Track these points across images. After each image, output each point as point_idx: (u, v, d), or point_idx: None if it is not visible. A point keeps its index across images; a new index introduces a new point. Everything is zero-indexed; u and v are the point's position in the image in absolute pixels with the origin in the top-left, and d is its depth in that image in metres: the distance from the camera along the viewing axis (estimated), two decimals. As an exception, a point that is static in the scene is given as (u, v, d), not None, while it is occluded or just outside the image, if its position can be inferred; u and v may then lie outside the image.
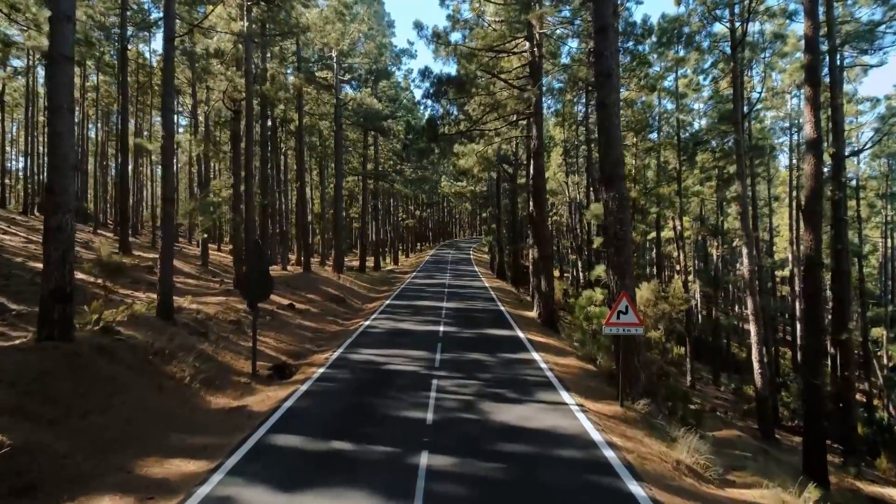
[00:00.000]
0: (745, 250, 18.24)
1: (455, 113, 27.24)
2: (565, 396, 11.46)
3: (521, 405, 10.77)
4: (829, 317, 20.83)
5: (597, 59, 11.91)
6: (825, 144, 30.17)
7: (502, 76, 22.70)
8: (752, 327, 18.45)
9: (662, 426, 11.00)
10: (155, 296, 20.49)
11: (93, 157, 52.59)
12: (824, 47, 17.63)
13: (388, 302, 26.92)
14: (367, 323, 20.64)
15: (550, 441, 8.88)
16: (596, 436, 9.16)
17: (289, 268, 35.63)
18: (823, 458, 11.53)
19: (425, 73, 21.84)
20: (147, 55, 40.52)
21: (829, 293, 21.23)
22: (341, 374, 13.12)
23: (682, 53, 22.62)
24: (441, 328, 19.54)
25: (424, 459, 7.96)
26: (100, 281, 20.96)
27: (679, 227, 27.14)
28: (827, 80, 18.33)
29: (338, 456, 8.19)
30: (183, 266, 29.97)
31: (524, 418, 9.91)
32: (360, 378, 12.74)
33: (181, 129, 50.08)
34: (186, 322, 15.51)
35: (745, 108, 21.66)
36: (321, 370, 13.52)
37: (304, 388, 12.00)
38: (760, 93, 22.09)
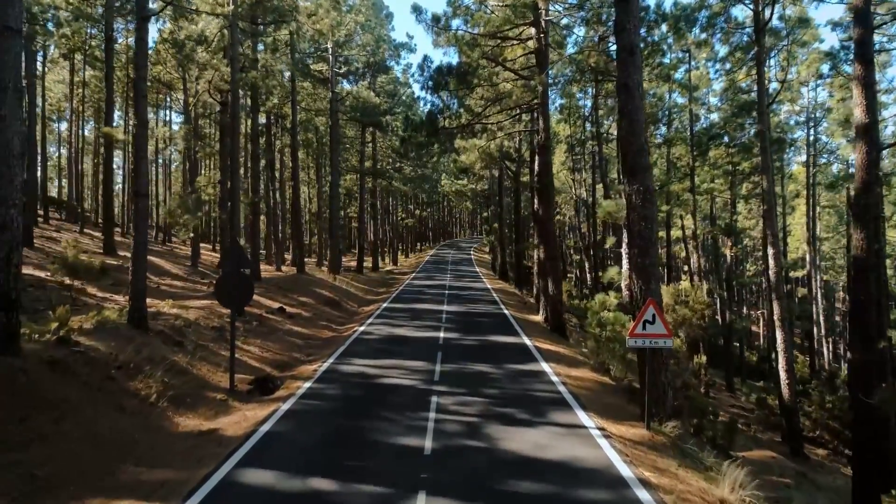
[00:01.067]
0: (770, 251, 16.86)
1: (456, 108, 25.83)
2: (583, 417, 10.06)
3: (534, 429, 9.37)
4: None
5: (617, 33, 10.51)
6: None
7: (507, 64, 21.31)
8: (778, 334, 17.07)
9: (695, 452, 9.59)
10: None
11: (89, 155, 51.24)
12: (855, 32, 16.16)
13: (385, 305, 25.52)
14: (362, 329, 19.24)
15: (571, 477, 7.47)
16: (624, 469, 7.76)
17: (283, 268, 34.23)
18: (877, 491, 10.17)
19: (424, 62, 20.47)
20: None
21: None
22: (330, 390, 11.72)
23: (701, 37, 21.21)
24: (441, 334, 18.15)
25: (422, 505, 6.58)
26: (76, 283, 19.58)
27: (693, 227, 25.75)
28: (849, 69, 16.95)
29: (317, 499, 6.80)
30: (171, 267, 28.59)
31: (539, 447, 8.51)
32: (350, 395, 11.34)
33: (175, 126, 48.69)
34: (162, 329, 14.11)
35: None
36: (308, 384, 12.12)
37: (286, 406, 10.59)
38: (783, 81, 20.72)
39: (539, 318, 23.98)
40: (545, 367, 13.97)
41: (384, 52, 37.14)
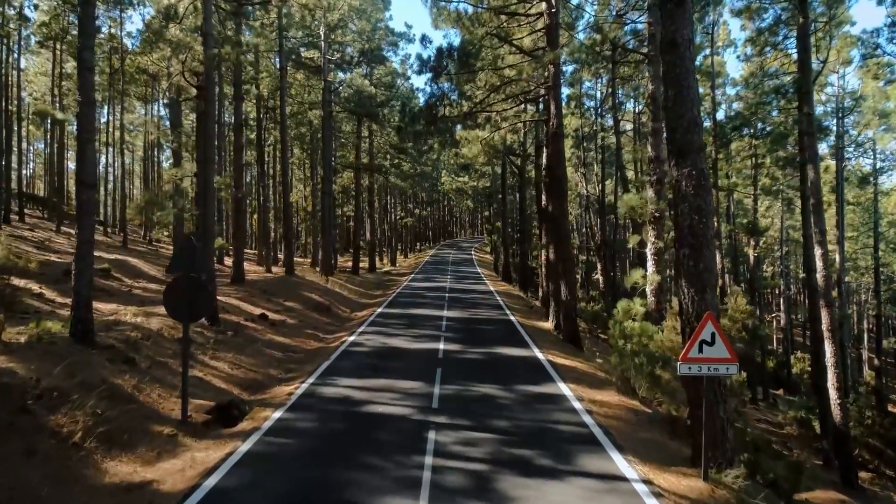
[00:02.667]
0: (816, 251, 14.76)
1: (457, 96, 23.64)
2: (621, 463, 7.91)
3: (561, 482, 7.23)
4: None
5: (663, -23, 8.34)
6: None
7: (514, 43, 19.15)
8: (827, 347, 14.98)
9: (766, 510, 7.45)
10: (102, 305, 17.05)
11: (75, 150, 49.04)
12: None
13: (379, 310, 23.37)
14: (352, 339, 17.09)
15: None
16: (692, 554, 5.61)
17: (274, 270, 32.08)
18: None
19: (423, 41, 18.26)
20: (122, 39, 36.95)
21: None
22: (304, 422, 9.57)
23: (738, 5, 19.09)
24: (441, 346, 15.99)
25: None
26: (35, 287, 17.50)
27: (714, 226, 23.64)
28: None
29: None
30: (149, 269, 26.45)
31: (570, 515, 6.36)
32: (328, 429, 9.19)
33: (163, 120, 46.55)
34: (112, 344, 11.95)
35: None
36: (278, 414, 9.97)
37: (246, 447, 8.45)
38: (824, 61, 18.67)
39: (548, 325, 21.84)
40: (564, 388, 11.81)
41: (381, 40, 35.00)
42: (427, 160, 65.99)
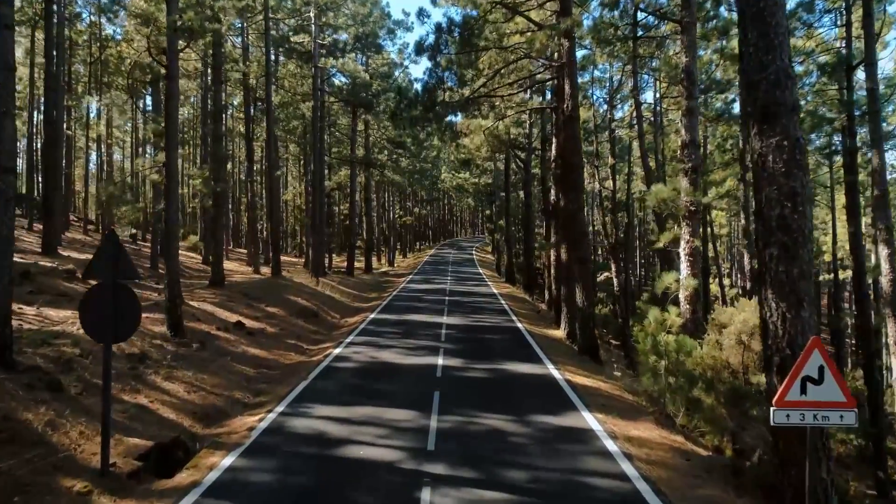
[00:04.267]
0: (882, 251, 12.54)
1: (456, 84, 21.37)
2: (687, 545, 5.69)
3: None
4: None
5: None
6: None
7: (523, 13, 16.93)
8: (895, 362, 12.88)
9: None
10: (54, 312, 14.87)
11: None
12: None
13: (372, 316, 21.16)
14: (338, 351, 14.87)
15: None
16: None
17: (263, 270, 29.86)
18: None
19: (420, 15, 16.06)
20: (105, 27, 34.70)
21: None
22: (260, 474, 7.35)
23: None
24: (440, 360, 13.78)
25: None
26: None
27: (743, 223, 21.43)
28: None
29: None
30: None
31: None
32: (289, 488, 6.97)
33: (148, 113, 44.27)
34: (36, 365, 9.75)
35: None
36: (229, 460, 7.75)
37: (174, 516, 6.24)
38: (879, 33, 16.50)
39: (560, 332, 19.64)
40: (591, 420, 9.59)
41: (376, 25, 32.76)
42: (426, 157, 63.78)
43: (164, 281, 19.85)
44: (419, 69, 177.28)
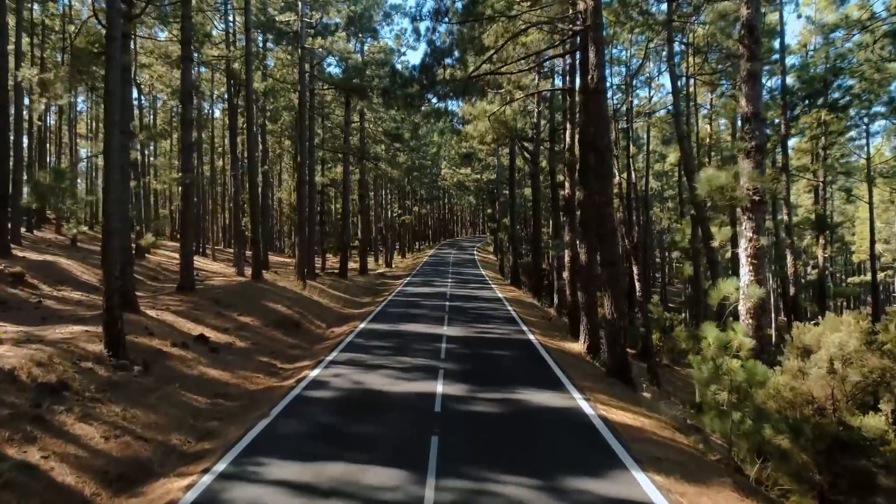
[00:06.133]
0: None
1: (456, 60, 18.70)
2: None
3: None
4: None
5: None
6: None
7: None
8: None
9: None
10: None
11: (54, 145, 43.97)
12: None
13: (363, 325, 18.51)
14: (315, 374, 12.21)
15: None
16: None
17: (249, 272, 27.16)
18: None
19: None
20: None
21: None
22: None
23: None
24: (439, 387, 11.13)
25: None
26: None
27: (786, 219, 18.73)
28: None
29: None
30: (83, 273, 21.63)
31: None
32: None
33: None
34: None
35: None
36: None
37: None
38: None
39: (579, 346, 16.99)
40: (648, 487, 6.91)
41: (371, 7, 30.06)
42: (426, 153, 61.08)
43: (140, 287, 17.27)
44: (417, 56, 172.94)
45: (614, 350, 12.96)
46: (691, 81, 20.52)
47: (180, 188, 18.91)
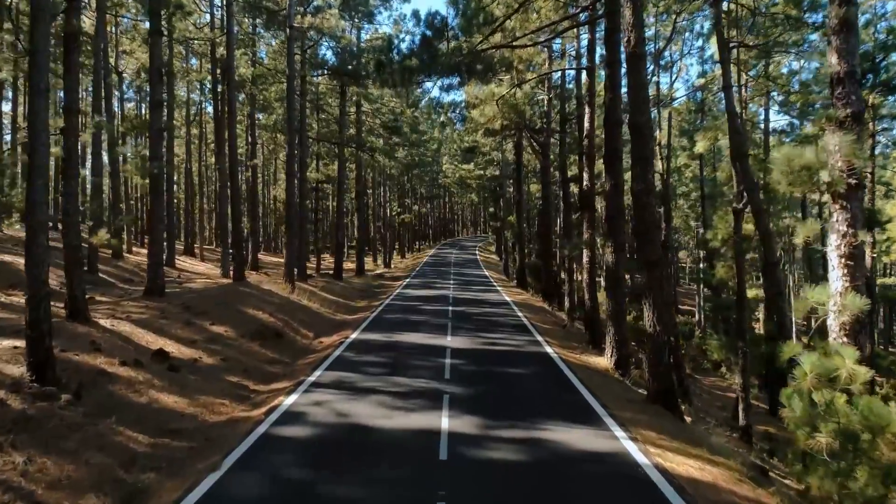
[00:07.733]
0: None
1: (461, 27, 16.39)
2: None
3: None
4: None
5: None
6: None
7: None
8: None
9: None
10: None
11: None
12: None
13: (354, 336, 16.20)
14: (291, 402, 9.90)
15: None
16: None
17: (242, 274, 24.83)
18: None
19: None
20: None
21: None
22: None
23: None
24: (444, 422, 8.81)
25: None
26: None
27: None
28: None
29: None
30: (56, 275, 19.30)
31: None
32: None
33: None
34: None
35: None
36: None
37: None
38: None
39: (604, 361, 14.70)
40: None
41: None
42: (427, 149, 58.73)
43: (85, 284, 14.88)
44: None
45: (657, 371, 10.62)
46: (733, 54, 18.30)
47: (147, 179, 16.64)
